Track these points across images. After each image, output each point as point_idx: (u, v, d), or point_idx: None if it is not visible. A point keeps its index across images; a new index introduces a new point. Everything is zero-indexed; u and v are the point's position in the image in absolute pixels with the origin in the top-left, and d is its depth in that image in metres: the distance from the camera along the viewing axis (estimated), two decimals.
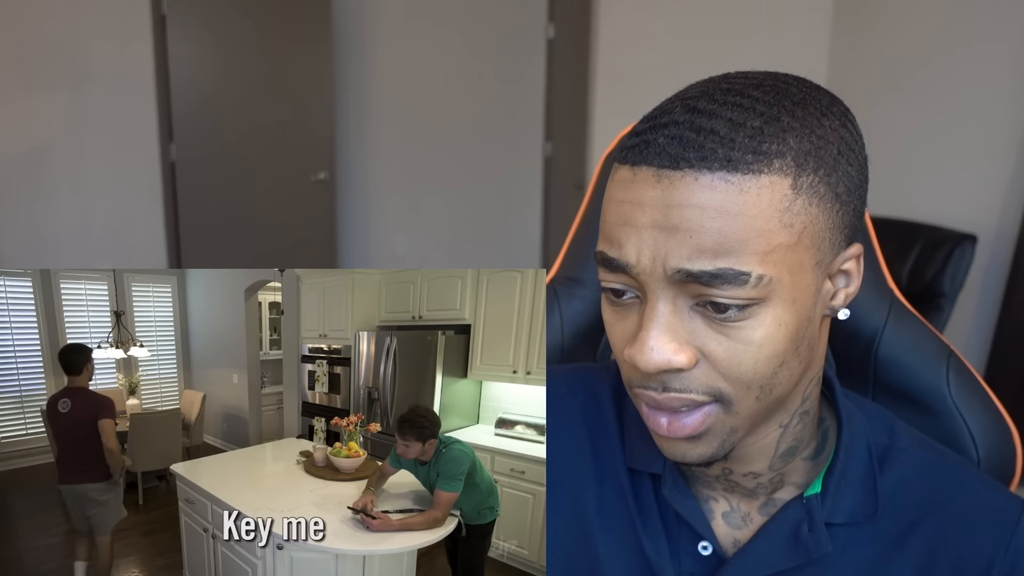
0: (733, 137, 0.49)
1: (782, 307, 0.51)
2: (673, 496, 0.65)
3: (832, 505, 0.63)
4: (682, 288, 0.51)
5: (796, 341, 0.53)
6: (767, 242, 0.49)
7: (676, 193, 0.49)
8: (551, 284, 0.98)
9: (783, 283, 0.51)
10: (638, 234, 0.51)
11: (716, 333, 0.52)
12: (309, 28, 4.14)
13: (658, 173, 0.50)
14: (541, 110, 4.49)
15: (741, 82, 0.53)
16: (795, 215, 0.50)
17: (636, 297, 0.54)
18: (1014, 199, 2.84)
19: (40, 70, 3.93)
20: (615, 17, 3.17)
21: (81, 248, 4.16)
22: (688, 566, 0.65)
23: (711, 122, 0.50)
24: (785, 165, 0.49)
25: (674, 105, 0.52)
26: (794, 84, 0.53)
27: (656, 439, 0.58)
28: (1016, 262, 2.78)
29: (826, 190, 0.51)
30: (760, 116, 0.50)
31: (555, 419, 0.74)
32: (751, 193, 0.49)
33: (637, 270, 0.52)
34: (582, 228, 0.97)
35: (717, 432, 0.55)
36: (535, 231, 4.71)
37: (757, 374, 0.52)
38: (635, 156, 0.52)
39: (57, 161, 4.05)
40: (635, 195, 0.51)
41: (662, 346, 0.52)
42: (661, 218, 0.50)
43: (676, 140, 0.50)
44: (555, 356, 0.96)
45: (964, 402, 0.80)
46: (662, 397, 0.54)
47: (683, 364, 0.52)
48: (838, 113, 0.53)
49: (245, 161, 4.26)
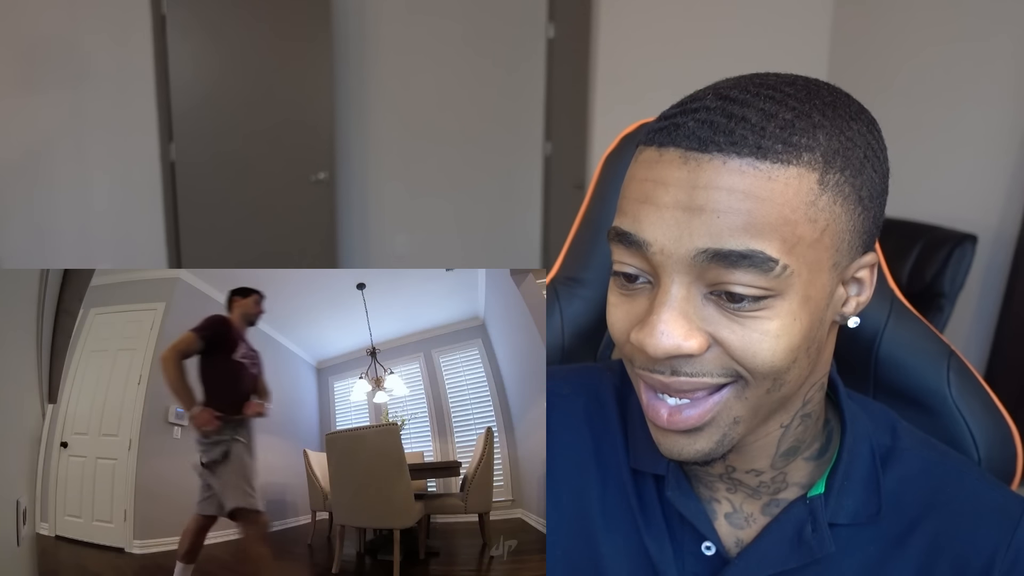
0: (764, 126, 0.49)
1: (797, 303, 0.51)
2: (676, 497, 0.65)
3: (835, 505, 0.63)
4: (700, 273, 0.50)
5: (809, 340, 0.53)
6: (792, 232, 0.49)
7: (703, 175, 0.49)
8: (551, 284, 0.98)
9: (801, 278, 0.50)
10: (659, 213, 0.50)
11: (730, 321, 0.51)
12: (309, 28, 4.14)
13: (685, 155, 0.50)
14: (541, 110, 4.49)
15: (774, 79, 0.53)
16: (820, 210, 0.50)
17: (648, 283, 0.53)
18: (1014, 199, 2.84)
19: (40, 69, 3.93)
20: (615, 17, 3.17)
21: (81, 248, 4.16)
22: (691, 566, 0.65)
23: (743, 110, 0.50)
24: (814, 159, 0.49)
25: (706, 93, 0.52)
26: (824, 87, 0.53)
27: (654, 433, 0.58)
28: (1016, 262, 2.79)
29: (851, 191, 0.51)
30: (792, 110, 0.50)
31: (556, 419, 0.73)
32: (779, 181, 0.48)
33: (654, 250, 0.51)
34: (582, 228, 0.97)
35: (720, 423, 0.55)
36: (535, 231, 4.71)
37: (775, 365, 0.52)
38: (662, 138, 0.51)
39: (57, 161, 4.05)
40: (660, 174, 0.50)
41: (673, 330, 0.51)
42: (686, 198, 0.49)
43: (706, 124, 0.49)
44: (555, 356, 0.96)
45: (965, 402, 0.80)
46: (670, 380, 0.53)
47: (693, 350, 0.51)
48: (866, 120, 0.54)
49: (245, 161, 4.26)
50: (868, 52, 3.13)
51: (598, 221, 0.95)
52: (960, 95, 2.92)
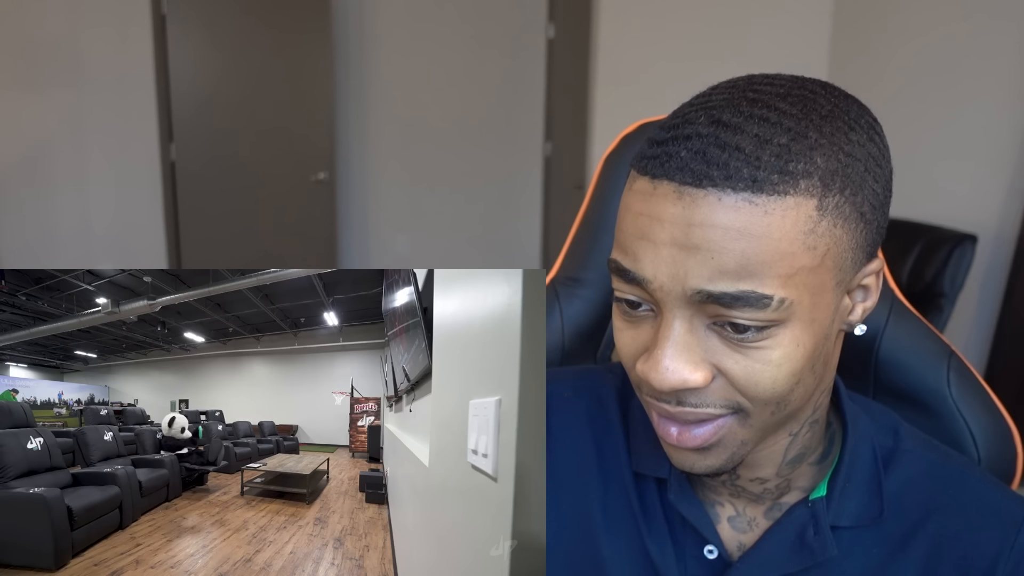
0: (759, 155, 0.47)
1: (800, 328, 0.51)
2: (679, 501, 0.65)
3: (837, 508, 0.62)
4: (700, 308, 0.50)
5: (813, 360, 0.53)
6: (790, 265, 0.48)
7: (698, 212, 0.48)
8: (551, 284, 0.98)
9: (803, 305, 0.50)
10: (656, 250, 0.50)
11: (733, 352, 0.51)
12: (309, 28, 4.14)
13: (680, 190, 0.48)
14: (541, 110, 4.49)
15: (767, 91, 0.51)
16: (819, 237, 0.49)
17: (651, 311, 0.53)
18: (1014, 199, 2.84)
19: (40, 70, 3.93)
20: (615, 17, 3.17)
21: (81, 248, 4.16)
22: (693, 570, 0.65)
23: (736, 137, 0.48)
24: (811, 185, 0.48)
25: (697, 115, 0.50)
26: (822, 94, 0.51)
27: (665, 447, 0.58)
28: (1016, 262, 2.79)
29: (851, 210, 0.50)
30: (787, 132, 0.48)
31: (558, 421, 0.73)
32: (775, 215, 0.47)
33: (654, 286, 0.51)
34: (582, 228, 0.97)
35: (728, 444, 0.55)
36: (535, 231, 4.71)
37: (776, 392, 0.52)
38: (656, 168, 0.50)
39: (57, 161, 4.05)
40: (654, 209, 0.50)
41: (678, 367, 0.51)
42: (681, 236, 0.48)
43: (699, 155, 0.48)
44: (556, 356, 0.96)
45: (965, 402, 0.79)
46: (676, 411, 0.54)
47: (699, 383, 0.51)
48: (866, 125, 0.52)
49: (245, 161, 4.26)
50: (868, 51, 3.13)
51: (598, 221, 0.95)
52: (960, 95, 2.92)
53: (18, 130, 3.98)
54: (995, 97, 2.84)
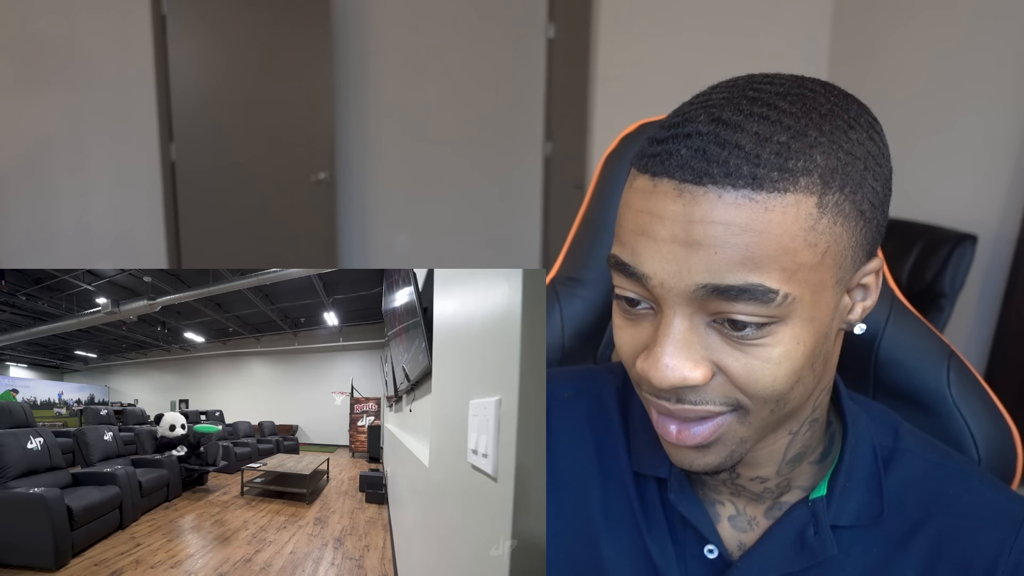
0: (759, 153, 0.48)
1: (800, 326, 0.51)
2: (680, 501, 0.65)
3: (837, 507, 0.63)
4: (702, 304, 0.50)
5: (813, 358, 0.53)
6: (792, 261, 0.48)
7: (698, 209, 0.48)
8: (551, 284, 0.98)
9: (804, 302, 0.50)
10: (656, 247, 0.50)
11: (733, 349, 0.51)
12: (309, 28, 4.14)
13: (680, 187, 0.49)
14: (541, 110, 4.50)
15: (767, 90, 0.51)
16: (819, 234, 0.49)
17: (650, 308, 0.53)
18: (1014, 199, 2.84)
19: (40, 70, 3.93)
20: (615, 17, 3.17)
21: (81, 248, 4.16)
22: (694, 569, 0.65)
23: (736, 135, 0.48)
24: (811, 183, 0.48)
25: (697, 113, 0.51)
26: (821, 93, 0.52)
27: (665, 445, 0.58)
28: (1016, 262, 2.78)
29: (851, 208, 0.50)
30: (787, 130, 0.48)
31: (558, 420, 0.73)
32: (776, 212, 0.48)
33: (654, 283, 0.51)
34: (582, 228, 0.97)
35: (727, 442, 0.55)
36: (535, 231, 4.71)
37: (776, 390, 0.52)
38: (656, 166, 0.50)
39: (57, 161, 4.05)
40: (654, 207, 0.50)
41: (678, 364, 0.51)
42: (682, 233, 0.49)
43: (700, 153, 0.48)
44: (556, 356, 0.96)
45: (965, 402, 0.79)
46: (675, 408, 0.54)
47: (699, 381, 0.51)
48: (865, 125, 0.52)
49: (245, 161, 4.26)
50: (868, 51, 3.13)
51: (598, 221, 0.95)
52: (960, 95, 2.91)
53: (18, 130, 3.98)
54: (995, 97, 2.84)
